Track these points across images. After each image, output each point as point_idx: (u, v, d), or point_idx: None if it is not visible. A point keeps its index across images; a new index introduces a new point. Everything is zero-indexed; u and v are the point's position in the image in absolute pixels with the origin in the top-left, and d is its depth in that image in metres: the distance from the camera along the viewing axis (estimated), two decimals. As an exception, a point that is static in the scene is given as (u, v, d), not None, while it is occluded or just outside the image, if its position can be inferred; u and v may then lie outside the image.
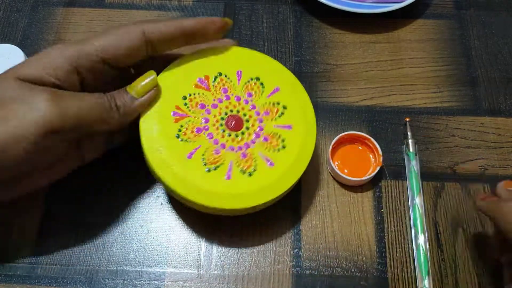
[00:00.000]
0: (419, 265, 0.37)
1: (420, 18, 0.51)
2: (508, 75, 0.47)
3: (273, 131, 0.37)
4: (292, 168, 0.36)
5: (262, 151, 0.37)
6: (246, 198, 0.35)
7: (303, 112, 0.38)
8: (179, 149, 0.36)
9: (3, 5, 0.51)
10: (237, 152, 0.36)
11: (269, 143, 0.37)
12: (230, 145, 0.36)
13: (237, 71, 0.39)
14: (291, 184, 0.36)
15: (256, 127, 0.37)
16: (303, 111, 0.38)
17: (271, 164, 0.36)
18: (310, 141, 0.38)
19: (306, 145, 0.37)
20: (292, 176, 0.36)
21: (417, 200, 0.39)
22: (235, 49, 0.39)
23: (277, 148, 0.37)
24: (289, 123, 0.38)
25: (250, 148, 0.37)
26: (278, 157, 0.36)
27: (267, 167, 0.36)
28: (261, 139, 0.37)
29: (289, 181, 0.36)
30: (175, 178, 0.35)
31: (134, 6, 0.51)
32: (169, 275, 0.38)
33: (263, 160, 0.36)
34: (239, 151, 0.36)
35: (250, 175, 0.36)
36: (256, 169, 0.36)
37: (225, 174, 0.35)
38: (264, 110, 0.38)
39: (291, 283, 0.37)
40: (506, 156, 0.43)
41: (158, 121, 0.36)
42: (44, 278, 0.37)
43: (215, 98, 0.38)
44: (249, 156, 0.36)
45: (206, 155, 0.36)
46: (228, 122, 0.37)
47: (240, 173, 0.36)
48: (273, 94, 0.38)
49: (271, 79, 0.39)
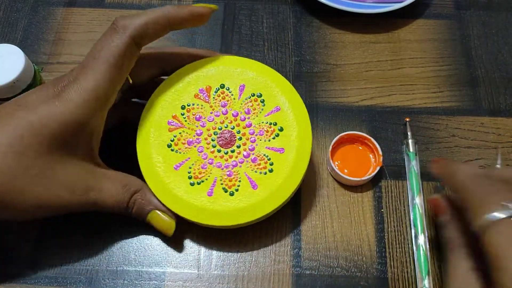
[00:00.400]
0: (419, 265, 0.37)
1: (420, 18, 0.51)
2: (508, 75, 0.47)
3: (264, 153, 0.37)
4: (276, 193, 0.36)
5: (248, 172, 0.36)
6: (224, 217, 0.35)
7: (299, 137, 0.37)
8: (169, 159, 0.36)
9: (3, 5, 0.51)
10: (223, 170, 0.36)
11: (257, 164, 0.36)
12: (218, 162, 0.36)
13: (240, 85, 0.38)
14: (272, 209, 0.36)
15: (247, 146, 0.37)
16: (300, 136, 0.37)
17: (254, 186, 0.36)
18: (301, 167, 0.36)
19: (295, 171, 0.36)
20: (274, 201, 0.36)
21: (417, 200, 0.39)
22: (245, 61, 0.39)
23: (264, 171, 0.36)
24: (282, 146, 0.37)
25: (237, 167, 0.36)
26: (263, 180, 0.36)
27: (250, 188, 0.36)
28: (250, 160, 0.36)
29: (270, 206, 0.35)
30: (160, 187, 0.36)
31: (134, 6, 0.51)
32: (169, 275, 0.38)
33: (248, 181, 0.36)
34: (225, 168, 0.36)
35: (232, 194, 0.35)
36: (239, 189, 0.36)
37: (208, 190, 0.35)
38: (259, 130, 0.37)
39: (291, 283, 0.37)
40: (506, 156, 0.43)
41: (155, 128, 0.37)
42: (44, 278, 0.37)
43: (213, 111, 0.38)
44: (234, 175, 0.36)
45: (193, 168, 0.36)
46: (220, 138, 0.37)
47: (222, 191, 0.35)
48: (272, 113, 0.38)
49: (274, 97, 0.38)
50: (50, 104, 0.32)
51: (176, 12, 0.35)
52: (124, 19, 0.34)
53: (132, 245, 0.39)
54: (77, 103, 0.32)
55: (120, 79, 0.34)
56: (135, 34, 0.34)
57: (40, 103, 0.32)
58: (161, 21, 0.35)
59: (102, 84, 0.33)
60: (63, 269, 0.38)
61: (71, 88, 0.32)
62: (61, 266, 0.38)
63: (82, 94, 0.32)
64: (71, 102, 0.32)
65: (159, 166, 0.36)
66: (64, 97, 0.32)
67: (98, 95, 0.33)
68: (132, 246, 0.39)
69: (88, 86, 0.32)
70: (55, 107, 0.32)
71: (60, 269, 0.38)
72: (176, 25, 0.36)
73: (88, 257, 0.38)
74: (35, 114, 0.32)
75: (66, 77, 0.33)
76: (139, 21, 0.34)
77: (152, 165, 0.36)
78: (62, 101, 0.32)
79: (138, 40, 0.34)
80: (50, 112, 0.32)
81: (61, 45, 0.49)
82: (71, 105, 0.32)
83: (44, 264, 0.38)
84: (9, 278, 0.37)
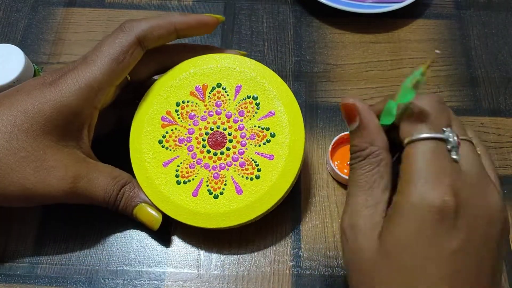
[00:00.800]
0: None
1: (420, 18, 0.51)
2: (508, 75, 0.47)
3: (252, 158, 0.36)
4: (260, 201, 0.35)
5: (235, 176, 0.36)
6: (206, 219, 0.35)
7: (292, 145, 0.36)
8: (158, 156, 0.36)
9: (3, 5, 0.51)
10: (210, 171, 0.36)
11: (244, 169, 0.36)
12: (206, 162, 0.36)
13: (236, 85, 0.38)
14: (254, 216, 0.35)
15: (237, 149, 0.36)
16: (292, 144, 0.36)
17: (239, 191, 0.35)
18: (289, 176, 0.35)
19: (282, 180, 0.35)
20: (257, 208, 0.35)
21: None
22: (244, 61, 0.38)
23: (250, 177, 0.36)
24: (271, 153, 0.36)
25: (224, 170, 0.36)
26: (249, 186, 0.35)
27: (234, 193, 0.35)
28: (238, 164, 0.36)
29: (253, 213, 0.35)
30: (148, 183, 0.36)
31: (134, 6, 0.51)
32: (169, 275, 0.38)
33: (233, 186, 0.35)
34: (212, 170, 0.36)
35: (216, 197, 0.35)
36: (223, 193, 0.35)
37: (193, 191, 0.35)
38: (251, 133, 0.37)
39: (291, 283, 0.37)
40: (506, 156, 0.43)
41: (148, 123, 0.37)
42: (44, 278, 0.37)
43: (207, 110, 0.37)
44: (220, 178, 0.36)
45: (181, 167, 0.36)
46: (211, 139, 0.37)
47: (207, 193, 0.35)
48: (265, 118, 0.37)
49: (270, 101, 0.37)
50: (46, 89, 0.33)
51: (182, 19, 0.36)
52: (132, 21, 0.36)
53: (132, 245, 0.39)
54: (72, 90, 0.33)
55: (119, 74, 0.35)
56: (141, 34, 0.35)
57: (36, 88, 0.33)
58: (167, 26, 0.36)
59: (99, 76, 0.34)
60: (63, 269, 0.38)
61: (68, 76, 0.34)
62: (61, 266, 0.38)
63: (78, 83, 0.33)
64: (67, 88, 0.33)
65: (148, 161, 0.36)
66: (61, 83, 0.33)
67: (93, 86, 0.34)
68: (132, 246, 0.39)
69: (85, 75, 0.33)
70: (50, 93, 0.33)
71: (60, 269, 0.38)
72: (182, 32, 0.37)
73: (88, 257, 0.38)
74: (29, 98, 0.33)
75: (66, 67, 0.35)
76: (146, 24, 0.35)
77: (142, 160, 0.36)
78: (58, 87, 0.33)
79: (142, 40, 0.35)
80: (44, 97, 0.33)
81: (61, 45, 0.49)
82: (66, 92, 0.33)
83: (44, 264, 0.38)
84: (9, 278, 0.37)
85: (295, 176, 0.36)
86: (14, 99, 0.33)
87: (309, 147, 0.43)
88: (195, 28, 0.37)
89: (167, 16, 0.36)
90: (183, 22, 0.36)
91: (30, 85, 0.34)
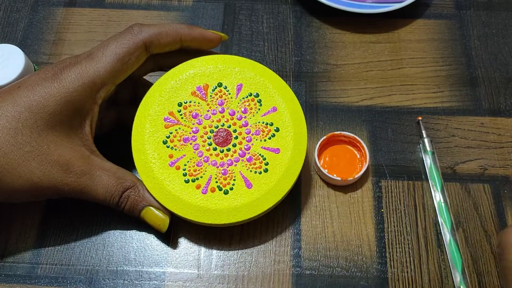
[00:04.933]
0: (453, 261, 0.37)
1: (420, 18, 0.51)
2: (508, 75, 0.47)
3: (259, 152, 0.37)
4: (270, 193, 0.36)
5: (243, 171, 0.36)
6: (218, 215, 0.35)
7: (295, 138, 0.37)
8: (164, 156, 0.36)
9: (3, 5, 0.51)
10: (218, 168, 0.36)
11: (252, 164, 0.36)
12: (213, 160, 0.36)
13: (237, 84, 0.38)
14: (265, 209, 0.36)
15: (243, 145, 0.37)
16: (296, 137, 0.37)
17: (249, 185, 0.36)
18: (295, 168, 0.36)
19: (290, 172, 0.36)
20: (268, 201, 0.36)
21: (441, 196, 0.39)
22: (243, 61, 0.39)
23: (259, 171, 0.36)
24: (277, 147, 0.37)
25: (232, 166, 0.36)
26: (258, 179, 0.36)
27: (244, 187, 0.36)
28: (245, 159, 0.37)
29: (264, 206, 0.36)
30: (154, 184, 0.36)
31: (134, 6, 0.51)
32: (169, 275, 0.38)
33: (242, 180, 0.36)
34: (220, 167, 0.36)
35: (226, 193, 0.36)
36: (233, 188, 0.36)
37: (202, 188, 0.36)
38: (255, 129, 0.37)
39: (291, 283, 0.37)
40: (506, 156, 0.43)
41: (150, 124, 0.37)
42: (44, 278, 0.37)
43: (210, 109, 0.38)
44: (229, 174, 0.36)
45: (188, 165, 0.36)
46: (216, 136, 0.37)
47: (217, 189, 0.36)
48: (268, 113, 0.38)
49: (271, 97, 0.38)
50: (48, 83, 0.33)
51: (188, 31, 0.38)
52: (142, 24, 0.36)
53: (132, 245, 0.39)
54: (76, 86, 0.34)
55: (121, 74, 0.35)
56: (148, 39, 0.36)
57: (39, 83, 0.34)
58: (173, 35, 0.37)
59: (103, 73, 0.34)
60: (63, 269, 0.38)
61: (71, 70, 0.34)
62: (61, 266, 0.38)
63: (81, 78, 0.34)
64: (70, 84, 0.34)
65: (153, 162, 0.36)
66: (63, 77, 0.34)
67: (96, 82, 0.34)
68: (132, 246, 0.39)
69: (89, 72, 0.34)
70: (54, 88, 0.33)
71: (60, 269, 0.38)
72: (186, 42, 0.38)
73: (88, 257, 0.38)
74: (33, 93, 0.33)
75: (68, 59, 0.35)
76: (154, 30, 0.36)
77: (147, 161, 0.36)
78: (61, 81, 0.33)
79: (149, 45, 0.36)
80: (47, 91, 0.33)
81: (61, 45, 0.49)
82: (70, 87, 0.33)
83: (44, 264, 0.38)
84: (10, 278, 0.37)
85: (301, 168, 0.37)
86: (17, 95, 0.33)
87: (310, 147, 0.43)
88: (199, 41, 0.38)
89: (175, 25, 0.37)
90: (188, 34, 0.37)
91: (32, 80, 0.34)
